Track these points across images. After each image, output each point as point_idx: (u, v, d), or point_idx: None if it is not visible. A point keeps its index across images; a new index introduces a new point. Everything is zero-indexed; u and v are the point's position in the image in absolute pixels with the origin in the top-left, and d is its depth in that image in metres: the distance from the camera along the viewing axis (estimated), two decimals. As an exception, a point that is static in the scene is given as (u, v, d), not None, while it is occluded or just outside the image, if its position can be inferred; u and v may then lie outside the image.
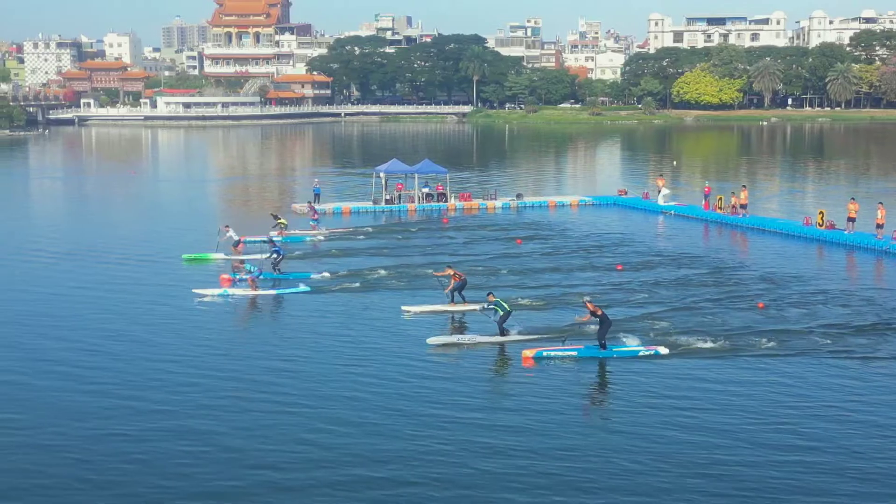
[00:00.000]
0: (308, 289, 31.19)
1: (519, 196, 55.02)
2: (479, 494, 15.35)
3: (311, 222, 44.05)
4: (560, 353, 22.96)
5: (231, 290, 31.11)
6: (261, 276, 31.42)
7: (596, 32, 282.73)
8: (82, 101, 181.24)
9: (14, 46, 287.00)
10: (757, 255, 37.76)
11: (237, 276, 32.50)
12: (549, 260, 36.26)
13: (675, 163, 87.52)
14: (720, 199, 48.46)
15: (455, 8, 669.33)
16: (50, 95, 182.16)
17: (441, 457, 16.78)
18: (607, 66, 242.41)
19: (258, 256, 35.46)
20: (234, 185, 72.59)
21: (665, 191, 52.68)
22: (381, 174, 53.48)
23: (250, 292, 30.91)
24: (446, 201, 53.56)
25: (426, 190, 54.01)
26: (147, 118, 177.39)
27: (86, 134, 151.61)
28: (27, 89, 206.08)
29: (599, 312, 22.93)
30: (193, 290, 30.68)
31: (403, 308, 28.08)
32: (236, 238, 37.40)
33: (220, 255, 37.18)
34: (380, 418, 18.66)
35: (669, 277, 32.36)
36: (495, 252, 38.03)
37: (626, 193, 56.32)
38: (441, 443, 17.41)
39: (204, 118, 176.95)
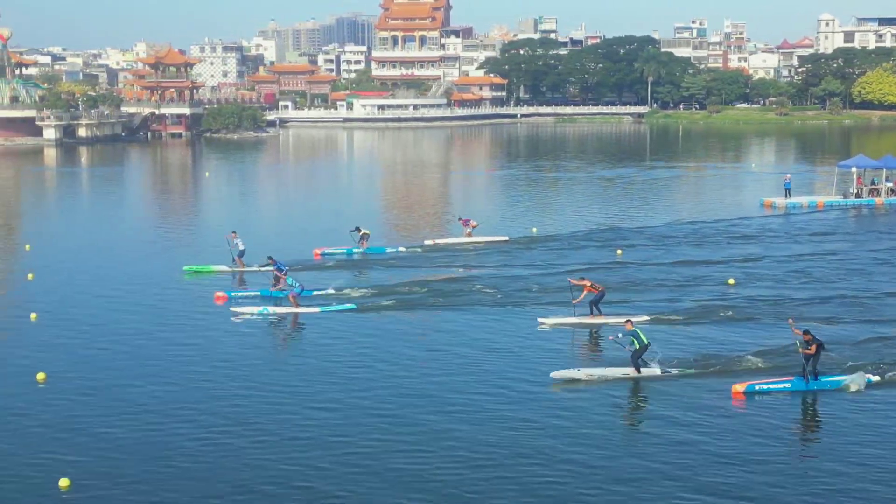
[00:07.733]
0: (353, 306, 29.49)
1: (975, 191, 57.77)
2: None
3: (467, 229, 42.66)
4: (773, 388, 22.08)
5: (272, 309, 29.44)
6: (302, 293, 29.51)
7: (741, 33, 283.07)
8: (280, 103, 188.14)
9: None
10: None
11: (232, 294, 31.02)
12: None
13: None
14: None
15: (592, 8, 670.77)
16: (253, 99, 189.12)
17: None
18: (760, 66, 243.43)
19: (254, 269, 33.59)
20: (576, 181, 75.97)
21: None
22: (853, 169, 56.84)
23: (292, 309, 29.16)
24: (906, 195, 56.61)
25: (889, 184, 57.14)
26: (345, 120, 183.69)
27: (302, 134, 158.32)
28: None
29: (815, 346, 22.01)
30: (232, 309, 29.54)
31: (539, 320, 27.53)
32: (242, 248, 34.73)
33: (223, 267, 35.13)
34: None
35: None
36: None
37: None
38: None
39: (399, 119, 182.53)
